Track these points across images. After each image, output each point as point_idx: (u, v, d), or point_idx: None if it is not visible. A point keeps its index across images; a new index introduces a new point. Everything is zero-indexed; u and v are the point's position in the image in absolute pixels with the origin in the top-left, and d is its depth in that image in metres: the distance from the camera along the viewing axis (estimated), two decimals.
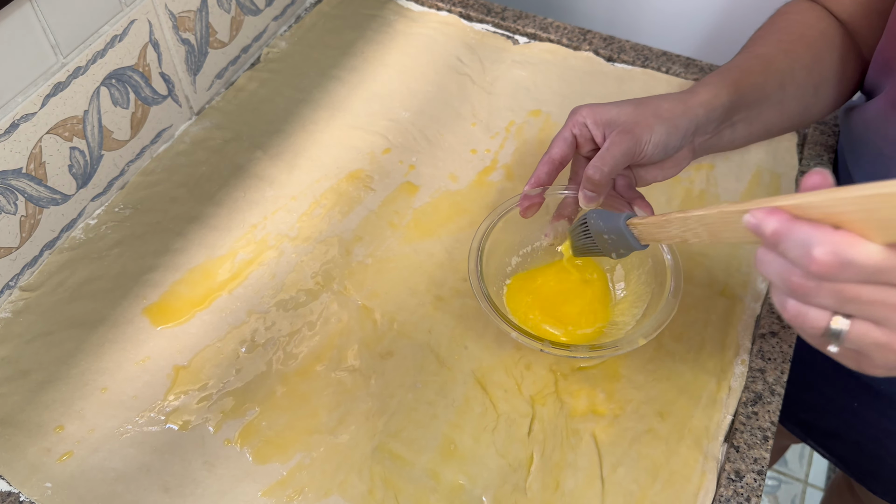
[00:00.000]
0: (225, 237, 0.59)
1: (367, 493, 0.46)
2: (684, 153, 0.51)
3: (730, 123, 0.52)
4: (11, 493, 0.46)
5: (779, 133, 0.56)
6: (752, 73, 0.52)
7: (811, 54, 0.54)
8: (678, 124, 0.48)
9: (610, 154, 0.46)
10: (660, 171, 0.51)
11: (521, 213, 0.52)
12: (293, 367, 0.52)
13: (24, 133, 0.52)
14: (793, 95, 0.53)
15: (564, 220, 0.53)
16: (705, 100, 0.49)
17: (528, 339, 0.47)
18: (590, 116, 0.49)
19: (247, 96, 0.70)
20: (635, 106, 0.48)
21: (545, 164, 0.51)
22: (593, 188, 0.47)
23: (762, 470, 0.47)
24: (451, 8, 0.78)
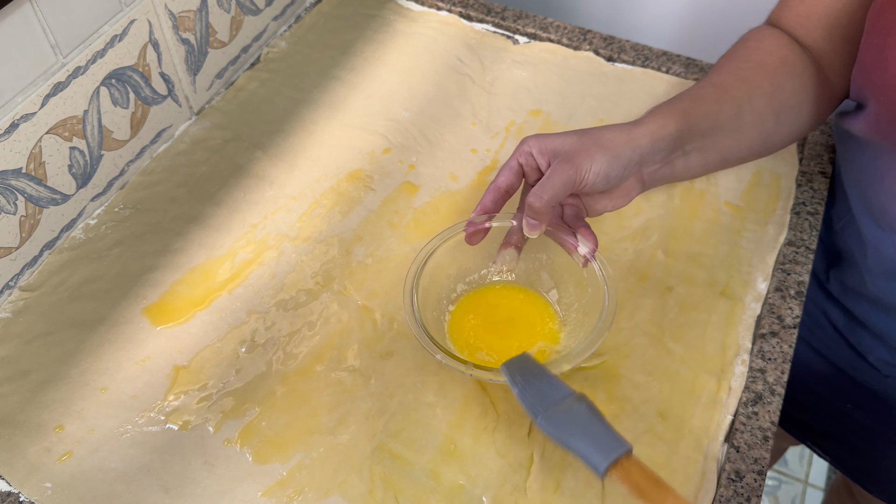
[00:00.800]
0: (225, 237, 0.59)
1: (367, 493, 0.46)
2: (631, 183, 0.50)
3: (682, 153, 0.51)
4: (11, 493, 0.46)
5: (738, 162, 0.55)
6: (705, 101, 0.52)
7: (770, 81, 0.53)
8: (620, 154, 0.47)
9: (550, 183, 0.46)
10: (608, 200, 0.51)
11: (466, 239, 0.52)
12: (293, 367, 0.52)
13: (23, 133, 0.52)
14: (750, 123, 0.52)
15: (512, 247, 0.53)
16: (651, 130, 0.49)
17: (454, 363, 0.46)
18: (535, 146, 0.49)
19: (247, 96, 0.70)
20: (579, 136, 0.48)
21: (491, 193, 0.51)
22: (534, 216, 0.47)
23: (762, 470, 0.47)
24: (451, 8, 0.78)
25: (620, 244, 0.59)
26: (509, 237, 0.53)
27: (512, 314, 0.53)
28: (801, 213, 0.61)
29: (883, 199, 0.52)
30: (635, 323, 0.54)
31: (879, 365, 0.61)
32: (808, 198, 0.62)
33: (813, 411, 0.71)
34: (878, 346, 0.60)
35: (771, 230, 0.60)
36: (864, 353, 0.62)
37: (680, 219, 0.60)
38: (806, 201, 0.62)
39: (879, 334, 0.59)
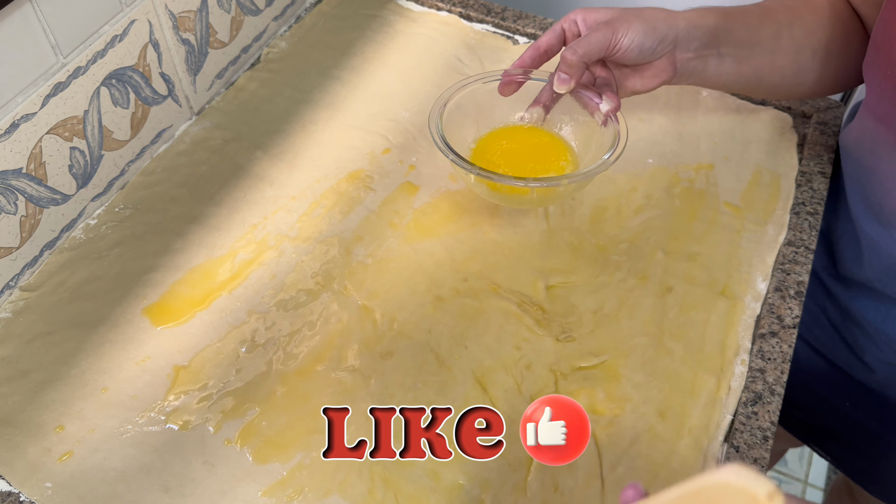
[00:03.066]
0: (225, 237, 0.59)
1: (367, 493, 0.46)
2: (663, 64, 0.53)
3: (717, 54, 0.54)
4: (11, 493, 0.46)
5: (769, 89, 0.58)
6: (748, 15, 0.55)
7: (814, 17, 0.55)
8: (657, 27, 0.51)
9: (586, 39, 0.50)
10: (639, 78, 0.54)
11: (499, 88, 0.56)
12: (293, 367, 0.52)
13: (24, 133, 0.52)
14: (787, 50, 0.55)
15: (540, 106, 0.57)
16: (689, 17, 0.52)
17: (463, 163, 0.51)
18: (581, 15, 0.53)
19: (247, 96, 0.71)
20: (622, 10, 0.52)
21: (531, 50, 0.55)
22: (567, 70, 0.50)
23: (762, 470, 0.47)
24: (451, 8, 0.78)
25: (620, 244, 0.59)
26: (540, 95, 0.57)
27: (531, 148, 0.57)
28: (800, 214, 0.61)
29: (880, 195, 0.52)
30: (635, 323, 0.54)
31: (875, 365, 0.61)
32: (808, 198, 0.62)
33: (813, 410, 0.71)
34: (872, 346, 0.60)
35: (771, 230, 0.60)
36: (860, 353, 0.62)
37: (680, 219, 0.60)
38: (806, 201, 0.62)
39: (875, 333, 0.59)
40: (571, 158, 0.57)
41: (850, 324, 0.62)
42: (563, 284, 0.56)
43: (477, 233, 0.60)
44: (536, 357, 0.52)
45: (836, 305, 0.64)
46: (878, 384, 0.63)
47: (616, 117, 0.53)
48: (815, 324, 0.66)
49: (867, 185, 0.54)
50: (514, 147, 0.58)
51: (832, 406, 0.68)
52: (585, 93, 0.54)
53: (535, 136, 0.59)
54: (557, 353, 0.52)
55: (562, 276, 0.57)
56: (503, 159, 0.57)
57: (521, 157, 0.57)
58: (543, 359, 0.52)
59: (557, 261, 0.58)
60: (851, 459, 0.71)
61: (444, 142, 0.53)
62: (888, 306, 0.58)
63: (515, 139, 0.59)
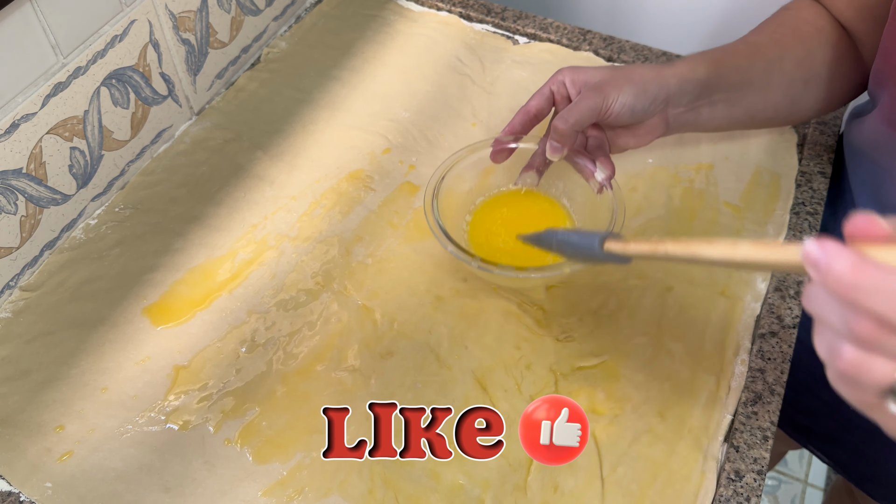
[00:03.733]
0: (225, 237, 0.59)
1: (367, 493, 0.46)
2: (656, 122, 0.52)
3: (709, 101, 0.53)
4: (11, 493, 0.46)
5: (763, 123, 0.57)
6: (737, 56, 0.53)
7: (803, 48, 0.54)
8: (647, 89, 0.49)
9: (577, 107, 0.48)
10: (632, 137, 0.53)
11: (491, 156, 0.54)
12: (293, 367, 0.52)
13: (24, 133, 0.52)
14: (779, 84, 0.54)
15: (533, 171, 0.56)
16: (680, 72, 0.51)
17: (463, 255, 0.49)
18: (569, 76, 0.52)
19: (247, 96, 0.71)
20: (611, 70, 0.51)
21: (520, 115, 0.53)
22: (558, 138, 0.49)
23: (762, 470, 0.47)
24: (451, 8, 0.78)
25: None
26: (532, 160, 0.56)
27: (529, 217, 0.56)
28: (800, 214, 0.61)
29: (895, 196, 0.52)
30: (635, 323, 0.54)
31: None
32: (808, 198, 0.62)
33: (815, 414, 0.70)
34: None
35: (770, 230, 0.60)
36: None
37: (680, 219, 0.60)
38: (805, 201, 0.62)
39: None
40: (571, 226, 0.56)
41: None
42: (562, 284, 0.56)
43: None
44: (536, 357, 0.52)
45: None
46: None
47: (611, 185, 0.52)
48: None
49: (882, 188, 0.53)
50: (514, 215, 0.57)
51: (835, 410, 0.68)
52: (579, 159, 0.53)
53: (534, 202, 0.58)
54: (557, 353, 0.52)
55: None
56: (503, 228, 0.55)
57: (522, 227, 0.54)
58: (543, 359, 0.52)
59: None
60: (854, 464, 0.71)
61: (441, 230, 0.51)
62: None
63: (515, 206, 0.57)
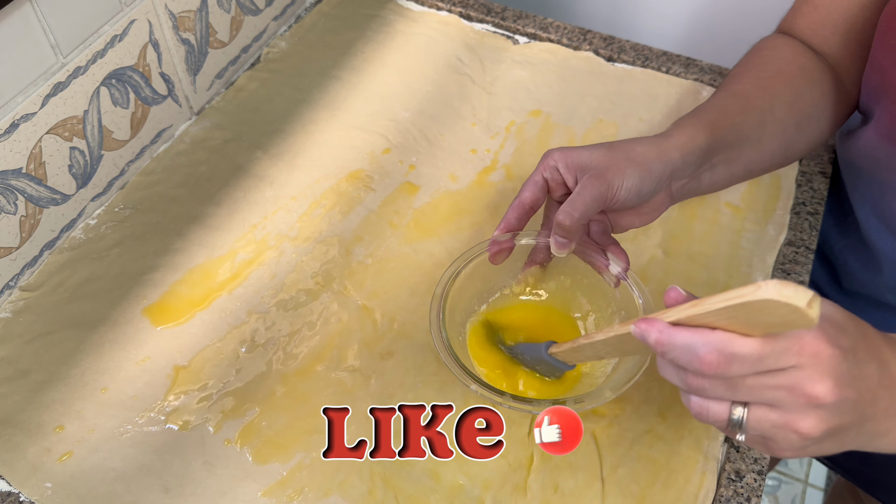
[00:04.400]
0: (225, 237, 0.59)
1: (367, 493, 0.46)
2: (661, 198, 0.49)
3: (709, 166, 0.50)
4: (11, 493, 0.46)
5: (760, 173, 0.54)
6: (730, 113, 0.50)
7: (791, 90, 0.52)
8: (652, 168, 0.46)
9: (580, 199, 0.44)
10: (637, 216, 0.49)
11: (489, 258, 0.50)
12: (293, 367, 0.52)
13: (24, 133, 0.52)
14: (773, 133, 0.52)
15: (537, 265, 0.51)
16: (681, 143, 0.47)
17: (490, 393, 0.44)
18: (561, 160, 0.47)
19: (247, 96, 0.70)
20: (607, 149, 0.46)
21: (515, 209, 0.48)
22: (564, 234, 0.45)
23: (762, 470, 0.47)
24: (451, 8, 0.78)
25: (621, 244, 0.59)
26: (534, 255, 0.51)
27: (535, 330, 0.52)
28: (800, 213, 0.61)
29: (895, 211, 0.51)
30: None
31: None
32: (808, 198, 0.62)
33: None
34: None
35: (771, 230, 0.60)
36: None
37: (680, 219, 0.60)
38: (806, 201, 0.62)
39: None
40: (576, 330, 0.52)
41: None
42: (563, 284, 0.56)
43: (477, 233, 0.60)
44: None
45: None
46: None
47: (627, 277, 0.48)
48: None
49: (881, 201, 0.52)
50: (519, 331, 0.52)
51: None
52: (589, 251, 0.49)
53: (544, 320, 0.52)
54: None
55: (562, 276, 0.56)
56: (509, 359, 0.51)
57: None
58: None
59: (557, 260, 0.57)
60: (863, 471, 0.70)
61: (461, 367, 0.45)
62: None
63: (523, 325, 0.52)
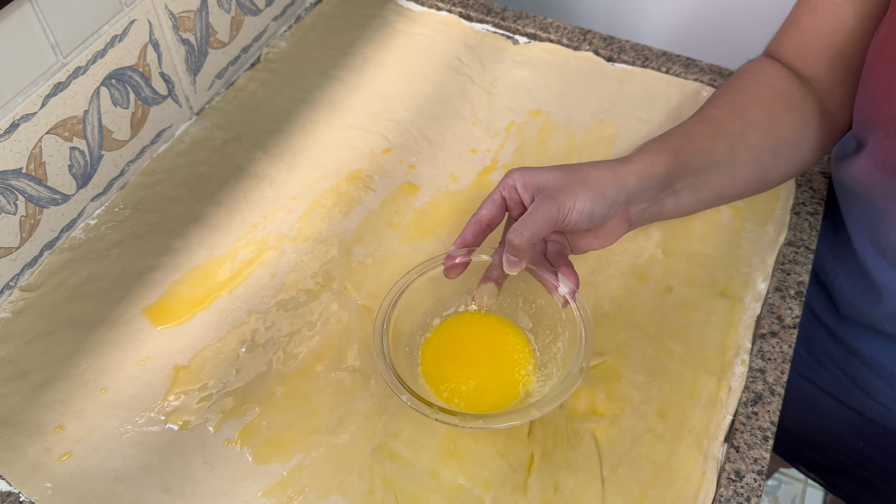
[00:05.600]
0: (225, 237, 0.59)
1: (367, 493, 0.46)
2: (618, 222, 0.48)
3: (672, 191, 0.49)
4: (11, 493, 0.46)
5: (733, 199, 0.53)
6: (697, 138, 0.50)
7: (767, 116, 0.51)
8: (605, 193, 0.45)
9: (531, 220, 0.44)
10: (594, 239, 0.49)
11: (444, 272, 0.50)
12: (293, 367, 0.52)
13: (24, 133, 0.52)
14: (745, 159, 0.51)
15: (492, 283, 0.51)
16: (638, 168, 0.47)
17: (420, 405, 0.44)
18: (519, 180, 0.47)
19: (247, 96, 0.71)
20: (564, 172, 0.46)
21: (472, 226, 0.49)
22: (514, 253, 0.45)
23: (762, 470, 0.47)
24: (451, 8, 0.78)
25: (620, 244, 0.59)
26: (489, 272, 0.51)
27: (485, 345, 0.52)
28: (800, 213, 0.61)
29: (893, 240, 0.50)
30: (635, 323, 0.54)
31: (891, 404, 0.60)
32: (808, 198, 0.62)
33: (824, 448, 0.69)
34: (885, 387, 0.59)
35: (771, 230, 0.60)
36: (872, 394, 0.60)
37: (680, 219, 0.60)
38: (806, 201, 0.62)
39: (889, 375, 0.58)
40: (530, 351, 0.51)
41: (859, 364, 0.60)
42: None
43: None
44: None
45: (841, 346, 0.61)
46: (893, 422, 0.61)
47: (575, 298, 0.48)
48: (819, 366, 0.64)
49: (878, 230, 0.51)
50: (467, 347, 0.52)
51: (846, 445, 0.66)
52: (540, 271, 0.49)
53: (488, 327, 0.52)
54: None
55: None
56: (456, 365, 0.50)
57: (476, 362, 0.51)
58: None
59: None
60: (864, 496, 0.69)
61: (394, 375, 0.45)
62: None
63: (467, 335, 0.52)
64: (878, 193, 0.50)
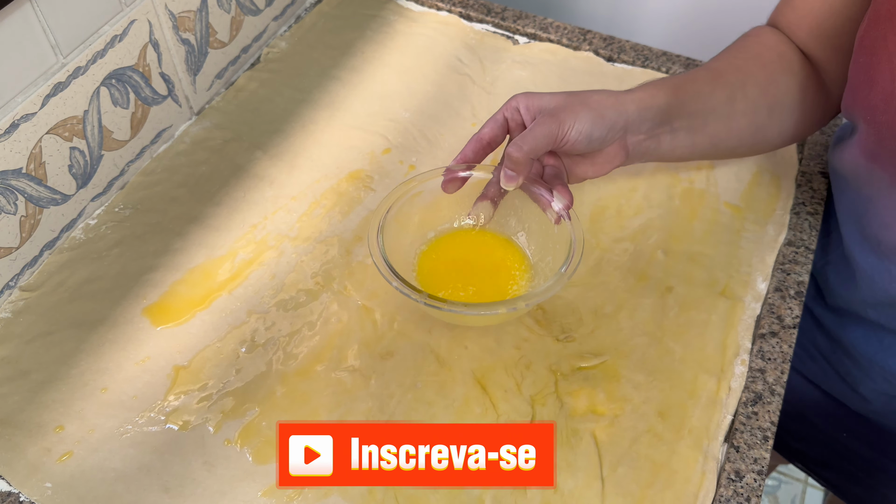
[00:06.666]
0: (225, 237, 0.59)
1: (367, 493, 0.46)
2: (615, 150, 0.50)
3: (670, 129, 0.51)
4: (11, 493, 0.46)
5: (727, 153, 0.55)
6: (698, 82, 0.52)
7: (766, 73, 0.53)
8: (605, 115, 0.48)
9: (531, 134, 0.46)
10: (590, 166, 0.51)
11: (442, 186, 0.52)
12: (293, 367, 0.52)
13: (24, 133, 0.52)
14: (742, 111, 0.52)
15: (488, 201, 0.53)
16: (639, 98, 0.49)
17: (409, 291, 0.46)
18: (523, 102, 0.49)
19: (247, 96, 0.71)
20: (567, 95, 0.49)
21: (473, 143, 0.51)
22: (513, 167, 0.47)
23: (762, 470, 0.47)
24: (451, 8, 0.78)
25: (620, 244, 0.59)
26: (487, 190, 0.53)
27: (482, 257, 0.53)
28: (800, 213, 0.61)
29: (876, 228, 0.51)
30: (635, 323, 0.54)
31: (870, 395, 0.60)
32: (808, 198, 0.62)
33: (810, 441, 0.70)
34: (865, 377, 0.59)
35: (771, 230, 0.60)
36: (854, 385, 0.61)
37: (680, 219, 0.60)
38: (805, 201, 0.62)
39: (868, 364, 0.58)
40: (525, 265, 0.53)
41: (842, 354, 0.61)
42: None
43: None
44: (536, 357, 0.52)
45: (826, 336, 0.62)
46: (874, 414, 0.62)
47: (569, 215, 0.49)
48: (806, 355, 0.65)
49: (864, 217, 0.52)
50: (464, 258, 0.53)
51: (829, 436, 0.67)
52: (535, 188, 0.50)
53: (485, 242, 0.54)
54: (557, 353, 0.52)
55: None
56: (452, 274, 0.52)
57: (472, 271, 0.52)
58: (543, 359, 0.52)
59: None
60: (849, 488, 0.70)
61: (386, 264, 0.47)
62: (880, 336, 0.56)
63: (464, 247, 0.54)
64: (863, 182, 0.51)
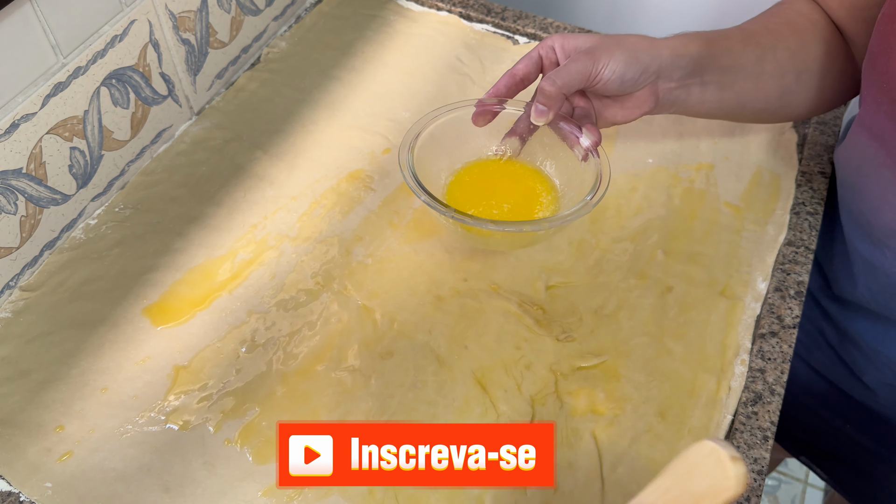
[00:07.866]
0: (225, 237, 0.59)
1: (367, 493, 0.46)
2: (645, 95, 0.51)
3: (700, 81, 0.52)
4: (11, 493, 0.46)
5: (753, 116, 0.56)
6: (731, 39, 0.53)
7: (797, 39, 0.54)
8: (639, 57, 0.48)
9: (566, 69, 0.47)
10: (620, 109, 0.52)
11: (473, 118, 0.53)
12: (293, 367, 0.52)
13: (24, 133, 0.52)
14: (770, 73, 0.53)
15: (517, 137, 0.54)
16: (673, 45, 0.50)
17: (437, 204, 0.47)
18: (559, 41, 0.50)
19: (247, 96, 0.71)
20: (603, 36, 0.50)
21: (506, 78, 0.52)
22: (545, 101, 0.47)
23: (762, 470, 0.47)
24: (451, 8, 0.78)
25: (620, 244, 0.59)
26: (516, 126, 0.54)
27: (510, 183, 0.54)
28: (800, 213, 0.61)
29: (868, 213, 0.51)
30: (635, 323, 0.54)
31: (875, 386, 0.60)
32: (808, 198, 0.62)
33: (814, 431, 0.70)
34: (871, 367, 0.60)
35: (771, 230, 0.60)
36: (859, 374, 0.61)
37: (680, 219, 0.60)
38: (806, 201, 0.62)
39: (873, 354, 0.59)
40: (552, 194, 0.54)
41: (848, 345, 0.61)
42: (563, 284, 0.56)
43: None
44: (536, 357, 0.52)
45: (833, 327, 0.63)
46: (879, 405, 0.62)
47: (597, 152, 0.50)
48: (813, 345, 0.65)
49: (854, 203, 0.53)
50: (492, 184, 0.55)
51: (833, 427, 0.67)
52: (565, 125, 0.51)
53: (513, 170, 0.56)
54: (557, 353, 0.52)
55: (562, 276, 0.57)
56: (480, 198, 0.54)
57: (500, 196, 0.54)
58: (543, 359, 0.52)
59: (557, 261, 0.58)
60: (851, 480, 0.70)
61: (415, 180, 0.49)
62: (885, 327, 0.57)
63: (493, 175, 0.55)
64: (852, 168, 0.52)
